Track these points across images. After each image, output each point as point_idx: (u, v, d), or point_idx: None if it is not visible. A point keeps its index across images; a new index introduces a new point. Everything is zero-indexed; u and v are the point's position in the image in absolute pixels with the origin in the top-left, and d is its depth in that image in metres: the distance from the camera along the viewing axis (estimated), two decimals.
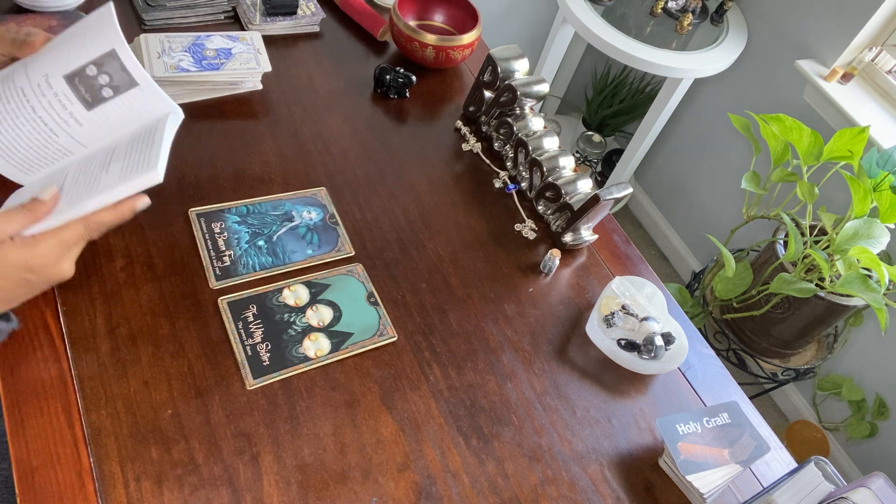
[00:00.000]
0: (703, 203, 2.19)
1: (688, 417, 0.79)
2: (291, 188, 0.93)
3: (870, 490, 0.69)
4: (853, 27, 1.63)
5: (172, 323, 0.75)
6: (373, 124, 1.06)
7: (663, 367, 0.86)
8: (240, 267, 0.82)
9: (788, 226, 1.40)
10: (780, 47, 1.83)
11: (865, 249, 1.27)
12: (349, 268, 0.86)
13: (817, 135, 1.41)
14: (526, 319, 0.89)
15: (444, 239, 0.94)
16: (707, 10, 1.93)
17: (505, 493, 0.73)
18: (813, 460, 0.76)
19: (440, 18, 1.23)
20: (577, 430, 0.80)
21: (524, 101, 1.03)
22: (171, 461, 0.66)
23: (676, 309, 0.97)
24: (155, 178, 0.63)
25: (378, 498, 0.69)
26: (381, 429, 0.74)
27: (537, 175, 1.00)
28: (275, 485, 0.67)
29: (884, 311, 1.28)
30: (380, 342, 0.80)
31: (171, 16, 1.07)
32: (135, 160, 0.64)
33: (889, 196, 1.32)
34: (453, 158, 1.06)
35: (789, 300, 1.53)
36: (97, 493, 0.63)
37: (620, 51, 1.71)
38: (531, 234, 0.99)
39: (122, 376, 0.70)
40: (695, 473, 0.74)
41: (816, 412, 1.95)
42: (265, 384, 0.74)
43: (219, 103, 1.00)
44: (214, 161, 0.93)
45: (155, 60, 0.95)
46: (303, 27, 1.16)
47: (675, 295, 1.73)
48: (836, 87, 1.68)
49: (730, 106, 2.01)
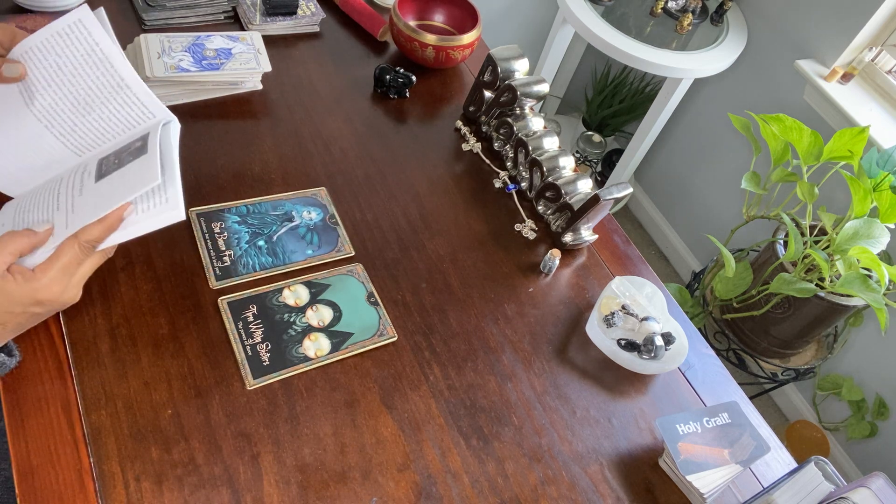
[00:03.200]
0: (703, 203, 2.19)
1: (688, 417, 0.79)
2: (291, 188, 0.93)
3: (870, 490, 0.69)
4: (853, 27, 1.63)
5: (172, 323, 0.75)
6: (373, 124, 1.06)
7: (663, 367, 0.86)
8: (240, 267, 0.82)
9: (788, 226, 1.40)
10: (780, 47, 1.83)
11: (865, 249, 1.27)
12: (349, 268, 0.86)
13: (817, 135, 1.41)
14: (526, 319, 0.89)
15: (444, 239, 0.94)
16: (707, 10, 1.93)
17: (505, 493, 0.73)
18: (813, 460, 0.76)
19: (440, 18, 1.23)
20: (577, 430, 0.80)
21: (524, 101, 1.03)
22: (171, 461, 0.66)
23: (676, 309, 0.97)
24: (177, 216, 0.61)
25: (378, 498, 0.69)
26: (381, 429, 0.74)
27: (537, 175, 1.00)
28: (275, 485, 0.67)
29: (884, 311, 1.28)
30: (380, 342, 0.80)
31: (171, 16, 1.07)
32: (140, 175, 0.62)
33: (889, 196, 1.32)
34: (453, 158, 1.06)
35: (789, 300, 1.53)
36: (97, 493, 0.63)
37: (620, 51, 1.71)
38: (531, 234, 0.99)
39: (122, 376, 0.70)
40: (695, 473, 0.74)
41: (816, 412, 1.95)
42: (265, 384, 0.74)
43: (219, 103, 1.00)
44: (214, 161, 0.92)
45: (155, 60, 0.95)
46: (303, 27, 1.16)
47: (675, 295, 1.74)
48: (836, 87, 1.68)
49: (730, 106, 2.01)
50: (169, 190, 0.61)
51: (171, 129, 0.66)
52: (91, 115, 0.67)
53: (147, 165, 0.62)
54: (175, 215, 0.60)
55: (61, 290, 0.60)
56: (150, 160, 0.62)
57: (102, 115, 0.67)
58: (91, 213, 0.61)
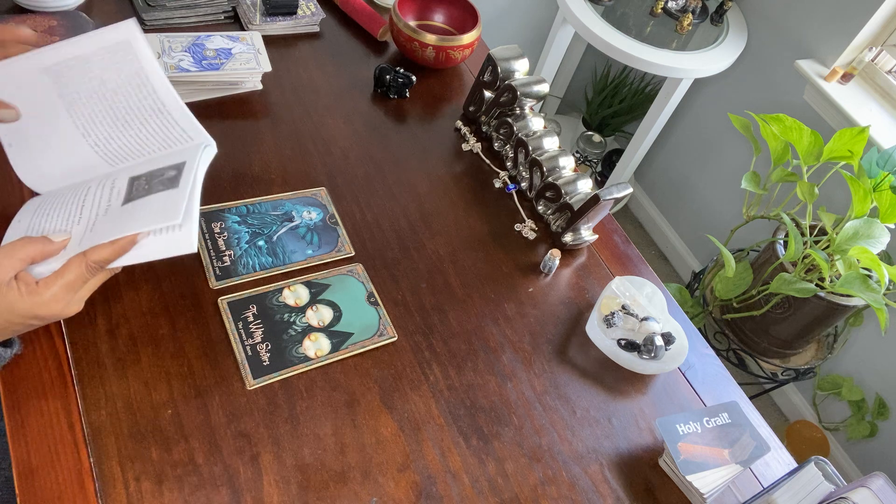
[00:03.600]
0: (703, 203, 2.19)
1: (688, 417, 0.79)
2: (291, 188, 0.93)
3: (870, 490, 0.69)
4: (853, 27, 1.63)
5: (172, 323, 0.75)
6: (373, 124, 1.06)
7: (663, 367, 0.86)
8: (240, 267, 0.82)
9: (788, 226, 1.40)
10: (780, 47, 1.83)
11: (865, 249, 1.27)
12: (349, 268, 0.86)
13: (817, 135, 1.41)
14: (526, 319, 0.89)
15: (444, 239, 0.94)
16: (707, 10, 1.93)
17: (505, 493, 0.73)
18: (813, 460, 0.76)
19: (440, 18, 1.23)
20: (577, 430, 0.80)
21: (524, 101, 1.03)
22: (171, 461, 0.66)
23: (676, 309, 0.97)
24: (189, 248, 0.60)
25: (378, 498, 0.69)
26: (381, 429, 0.74)
27: (537, 175, 1.00)
28: (275, 485, 0.67)
29: (884, 311, 1.28)
30: (380, 342, 0.80)
31: (171, 16, 1.07)
32: (163, 209, 0.61)
33: (889, 196, 1.32)
34: (453, 158, 1.06)
35: (789, 300, 1.53)
36: (97, 493, 0.63)
37: (620, 51, 1.71)
38: (531, 234, 0.99)
39: (122, 376, 0.70)
40: (695, 473, 0.74)
41: (816, 412, 1.95)
42: (265, 384, 0.74)
43: (219, 103, 1.00)
44: (214, 161, 0.91)
45: (155, 60, 0.94)
46: (303, 27, 1.16)
47: (675, 295, 1.74)
48: (836, 87, 1.68)
49: (730, 106, 2.01)
50: (185, 223, 0.60)
51: (206, 155, 0.67)
52: (129, 131, 0.68)
53: (173, 201, 0.61)
54: (186, 247, 0.60)
55: (62, 308, 0.60)
56: (177, 196, 0.61)
57: (140, 133, 0.68)
58: (107, 236, 0.60)
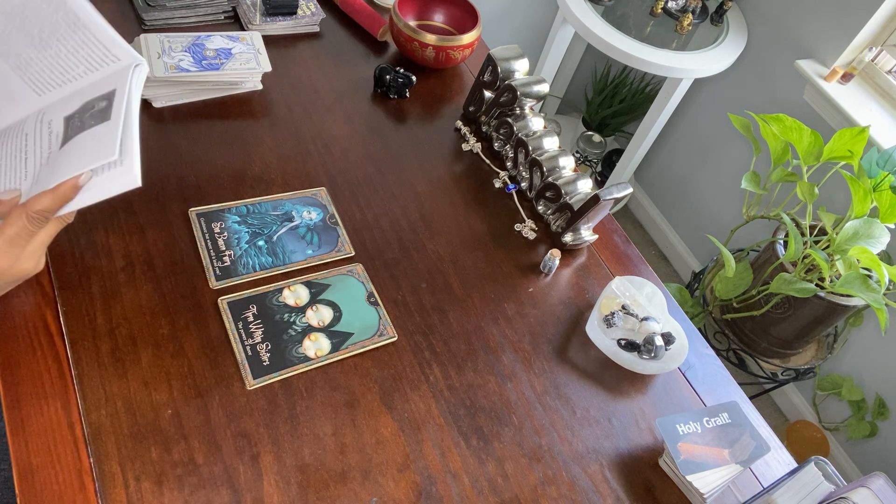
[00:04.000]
0: (703, 203, 2.19)
1: (688, 417, 0.79)
2: (291, 188, 0.93)
3: (870, 490, 0.69)
4: (853, 27, 1.63)
5: (172, 323, 0.75)
6: (373, 124, 1.06)
7: (663, 367, 0.86)
8: (240, 267, 0.82)
9: (788, 226, 1.40)
10: (780, 47, 1.83)
11: (865, 249, 1.27)
12: (349, 268, 0.86)
13: (817, 135, 1.41)
14: (526, 319, 0.89)
15: (444, 239, 0.94)
16: (707, 10, 1.93)
17: (505, 493, 0.73)
18: (813, 460, 0.76)
19: (440, 18, 1.23)
20: (577, 430, 0.80)
21: (524, 101, 1.03)
22: (171, 461, 0.66)
23: (676, 309, 0.97)
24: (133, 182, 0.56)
25: (378, 498, 0.69)
26: (381, 429, 0.74)
27: (537, 175, 1.00)
28: (275, 485, 0.67)
29: (884, 311, 1.28)
30: (380, 342, 0.80)
31: (171, 16, 1.07)
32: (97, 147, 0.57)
33: (889, 196, 1.32)
34: (453, 158, 1.06)
35: (789, 300, 1.53)
36: (97, 493, 0.63)
37: (620, 51, 1.71)
38: (531, 234, 0.99)
39: (122, 376, 0.70)
40: (695, 473, 0.74)
41: (816, 412, 1.95)
42: (265, 384, 0.74)
43: (219, 103, 1.00)
44: (214, 161, 0.93)
45: (155, 60, 0.95)
46: (303, 27, 1.16)
47: (675, 295, 1.73)
48: (836, 87, 1.68)
49: (730, 106, 2.01)
50: (125, 158, 0.57)
51: (138, 76, 0.60)
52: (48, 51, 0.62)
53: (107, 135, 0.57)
54: (130, 182, 0.56)
55: (10, 264, 0.57)
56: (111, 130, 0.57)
57: (59, 52, 0.62)
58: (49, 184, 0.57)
